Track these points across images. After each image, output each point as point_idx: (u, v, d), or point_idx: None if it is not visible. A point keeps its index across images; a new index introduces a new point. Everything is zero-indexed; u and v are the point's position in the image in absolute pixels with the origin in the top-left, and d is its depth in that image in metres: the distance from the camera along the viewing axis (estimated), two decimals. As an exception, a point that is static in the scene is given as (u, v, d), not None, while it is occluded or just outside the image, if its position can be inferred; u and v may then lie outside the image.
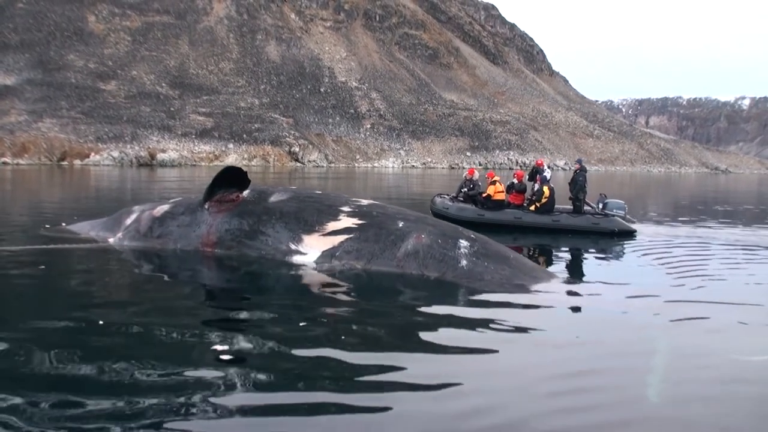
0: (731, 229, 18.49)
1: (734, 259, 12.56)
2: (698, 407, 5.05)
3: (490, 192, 17.34)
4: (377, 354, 5.83)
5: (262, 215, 9.93)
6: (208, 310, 7.59)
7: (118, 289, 8.24)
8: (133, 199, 25.35)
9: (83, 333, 6.12)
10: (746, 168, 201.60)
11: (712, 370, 5.85)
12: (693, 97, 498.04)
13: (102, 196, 26.09)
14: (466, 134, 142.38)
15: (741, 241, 15.47)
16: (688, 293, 9.05)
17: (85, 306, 7.10)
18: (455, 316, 7.32)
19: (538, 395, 5.09)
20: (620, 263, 11.93)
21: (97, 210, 18.23)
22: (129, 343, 5.86)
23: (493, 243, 9.87)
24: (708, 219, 21.65)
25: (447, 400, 4.93)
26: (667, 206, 29.69)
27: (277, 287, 8.66)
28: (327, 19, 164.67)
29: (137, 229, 10.70)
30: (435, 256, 9.04)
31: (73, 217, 14.89)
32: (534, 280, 8.82)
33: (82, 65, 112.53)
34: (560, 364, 5.83)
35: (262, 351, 5.77)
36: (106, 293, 7.95)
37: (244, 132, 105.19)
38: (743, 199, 39.06)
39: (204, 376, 5.06)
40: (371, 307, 7.55)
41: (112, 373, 5.05)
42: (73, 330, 6.20)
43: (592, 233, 16.15)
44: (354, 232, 9.48)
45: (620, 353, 6.27)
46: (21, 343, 5.67)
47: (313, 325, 6.71)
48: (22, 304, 7.33)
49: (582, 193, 17.34)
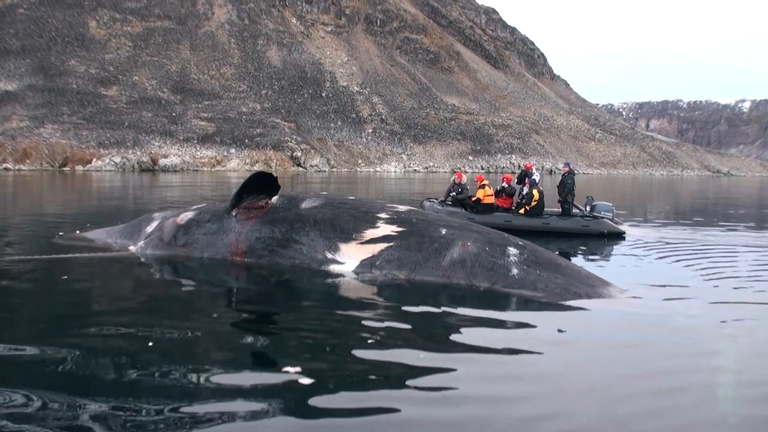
0: (748, 233, 18.20)
1: (763, 261, 12.27)
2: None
3: (480, 195, 17.32)
4: (434, 368, 5.41)
5: (294, 223, 9.49)
6: (243, 322, 7.11)
7: (146, 300, 7.79)
8: (137, 204, 25.09)
9: (114, 344, 5.73)
10: (748, 171, 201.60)
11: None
12: (693, 100, 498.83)
13: (107, 203, 25.70)
14: (468, 138, 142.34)
15: (756, 245, 15.16)
16: (729, 294, 8.89)
17: (113, 317, 6.67)
18: (513, 327, 6.95)
19: (611, 400, 4.90)
20: (646, 266, 11.48)
21: (107, 216, 17.90)
22: (161, 354, 5.48)
23: (543, 250, 9.46)
24: (719, 222, 21.33)
25: (514, 406, 4.75)
26: (683, 208, 29.43)
27: (315, 298, 8.19)
28: (328, 24, 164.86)
29: (160, 237, 10.23)
30: (484, 265, 8.57)
31: (86, 224, 14.46)
32: (590, 288, 8.40)
33: (83, 71, 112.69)
34: (629, 369, 5.59)
35: (303, 363, 5.36)
36: (134, 304, 7.50)
37: (246, 137, 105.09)
38: (750, 202, 38.73)
39: (236, 393, 4.74)
40: (421, 319, 7.09)
41: (142, 386, 4.77)
42: (103, 341, 5.82)
43: (582, 235, 16.05)
44: (394, 239, 9.04)
45: (688, 355, 6.10)
46: (56, 354, 5.38)
47: (360, 335, 6.34)
48: (50, 315, 6.85)
49: (570, 195, 17.46)
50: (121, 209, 22.04)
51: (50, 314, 6.97)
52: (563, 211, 17.32)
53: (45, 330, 6.27)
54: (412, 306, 7.55)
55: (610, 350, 6.21)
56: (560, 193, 17.60)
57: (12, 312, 7.15)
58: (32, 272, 9.20)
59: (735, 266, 11.56)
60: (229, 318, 7.22)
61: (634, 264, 11.73)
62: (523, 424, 4.43)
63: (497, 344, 6.19)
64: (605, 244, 15.05)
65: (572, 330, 6.88)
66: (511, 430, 4.37)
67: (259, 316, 7.56)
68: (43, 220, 16.93)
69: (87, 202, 26.12)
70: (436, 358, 5.70)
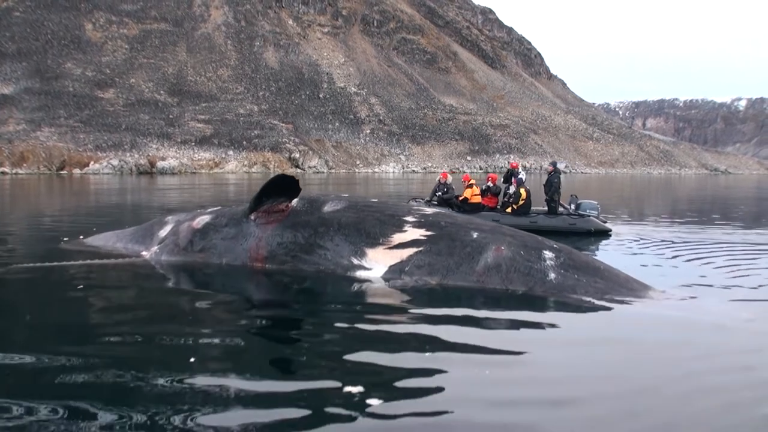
0: (752, 230, 17.97)
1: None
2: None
3: (467, 195, 17.38)
4: (478, 376, 5.18)
5: (318, 227, 9.11)
6: (270, 331, 6.84)
7: (167, 308, 7.46)
8: (138, 207, 24.79)
9: (138, 355, 5.48)
10: (745, 169, 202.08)
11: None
12: (689, 99, 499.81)
13: (107, 206, 25.34)
14: (466, 138, 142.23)
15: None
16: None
17: (135, 327, 6.35)
18: (559, 332, 6.68)
19: (678, 401, 4.79)
20: (667, 267, 11.18)
21: (110, 220, 17.62)
22: (186, 364, 5.26)
23: (580, 253, 9.20)
24: (726, 220, 21.08)
25: (574, 409, 4.62)
26: (681, 206, 29.20)
27: (343, 305, 7.78)
28: (325, 25, 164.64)
29: (176, 242, 9.82)
30: (520, 270, 8.24)
31: (92, 228, 14.06)
32: (631, 292, 8.08)
33: (79, 73, 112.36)
34: (688, 371, 5.45)
35: (336, 375, 5.10)
36: (155, 313, 7.18)
37: (244, 139, 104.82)
38: (749, 200, 38.54)
39: (265, 404, 4.51)
40: (458, 326, 6.72)
41: (167, 398, 4.56)
42: (127, 352, 5.56)
43: (569, 233, 16.02)
44: (424, 244, 8.67)
45: (742, 352, 5.98)
46: (79, 364, 5.15)
47: (395, 343, 6.08)
48: (72, 326, 6.53)
49: (557, 194, 17.58)
50: (123, 212, 21.80)
51: (72, 325, 6.68)
52: (550, 209, 17.42)
53: (66, 341, 5.98)
54: (446, 312, 7.24)
55: (664, 352, 6.01)
56: (547, 192, 17.72)
57: (31, 322, 6.82)
58: (45, 280, 8.83)
59: (755, 264, 11.32)
60: (255, 327, 6.94)
61: (653, 263, 11.42)
62: (587, 427, 4.34)
63: (545, 350, 5.99)
64: (593, 242, 15.10)
65: (621, 334, 6.65)
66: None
67: (286, 324, 7.26)
68: (45, 224, 16.65)
69: (87, 205, 25.86)
70: (479, 363, 5.48)
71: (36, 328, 6.58)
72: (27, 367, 5.16)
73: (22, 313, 7.22)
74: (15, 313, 7.25)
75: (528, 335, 6.59)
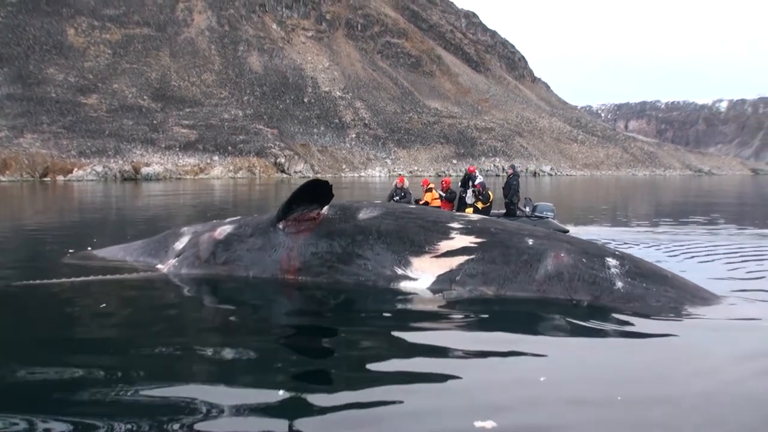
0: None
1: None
2: None
3: (428, 199, 17.31)
4: (560, 390, 4.86)
5: (355, 235, 8.45)
6: (311, 346, 6.34)
7: (199, 326, 6.91)
8: (118, 212, 24.36)
9: (172, 373, 5.14)
10: (728, 169, 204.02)
11: None
12: (671, 101, 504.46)
13: (97, 214, 24.78)
14: (451, 141, 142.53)
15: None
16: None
17: (164, 345, 5.92)
18: (643, 346, 6.21)
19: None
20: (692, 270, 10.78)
21: (107, 229, 17.17)
22: (225, 388, 4.86)
23: (644, 260, 8.63)
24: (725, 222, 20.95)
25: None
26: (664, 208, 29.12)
27: (392, 318, 7.15)
28: (309, 29, 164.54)
29: (196, 254, 9.13)
30: (584, 278, 7.70)
31: (93, 239, 13.55)
32: (704, 302, 7.64)
33: (62, 79, 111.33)
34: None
35: (393, 393, 4.74)
36: (186, 332, 6.63)
37: (229, 144, 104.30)
38: (731, 200, 38.54)
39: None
40: (526, 339, 6.23)
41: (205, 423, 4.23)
42: (160, 369, 5.16)
43: None
44: (475, 252, 8.04)
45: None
46: (116, 388, 4.76)
47: (457, 358, 5.68)
48: (104, 350, 5.87)
49: (516, 197, 17.77)
50: (117, 221, 21.23)
51: (104, 343, 6.11)
52: (509, 212, 17.47)
53: (101, 360, 5.46)
54: (510, 325, 6.81)
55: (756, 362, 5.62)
56: (506, 195, 17.84)
57: (59, 343, 6.12)
58: (60, 297, 8.10)
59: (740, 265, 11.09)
60: (296, 344, 6.41)
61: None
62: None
63: (634, 365, 5.57)
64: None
65: (701, 350, 6.11)
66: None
67: (332, 341, 6.70)
68: (39, 235, 15.79)
69: (81, 214, 25.26)
70: (561, 376, 5.14)
71: (67, 348, 5.98)
72: (64, 387, 4.82)
73: (47, 332, 6.61)
74: (39, 333, 6.60)
75: (609, 350, 6.13)
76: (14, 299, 8.13)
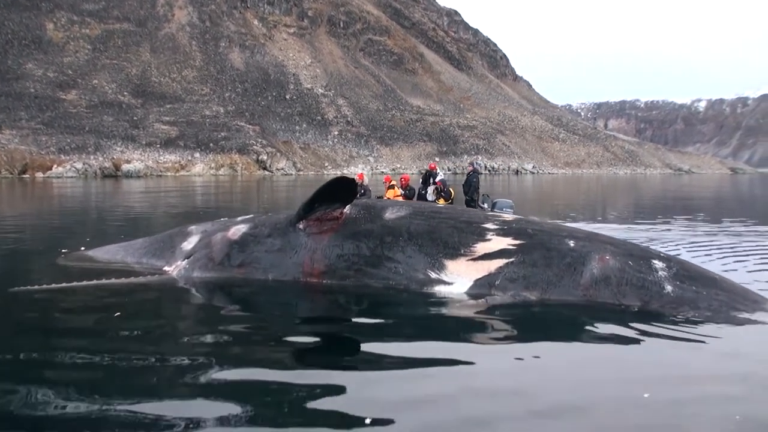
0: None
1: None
2: None
3: (390, 196, 17.38)
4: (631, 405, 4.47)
5: (384, 236, 8.03)
6: (351, 360, 5.78)
7: (223, 336, 6.16)
8: (102, 210, 23.77)
9: (200, 388, 4.71)
10: (708, 168, 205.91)
11: None
12: (650, 100, 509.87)
13: (84, 212, 24.21)
14: (434, 139, 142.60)
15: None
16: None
17: (187, 356, 5.38)
18: (705, 353, 5.81)
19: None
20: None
21: (94, 228, 16.63)
22: (259, 404, 4.46)
23: (691, 263, 8.38)
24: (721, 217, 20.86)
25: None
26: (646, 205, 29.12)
27: (428, 327, 6.66)
28: (291, 26, 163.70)
29: (209, 256, 8.52)
30: (632, 282, 7.32)
31: (86, 239, 12.87)
32: (755, 305, 7.27)
33: (41, 74, 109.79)
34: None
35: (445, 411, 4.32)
36: (208, 342, 5.92)
37: (211, 141, 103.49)
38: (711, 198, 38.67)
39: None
40: (580, 352, 5.84)
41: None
42: (190, 391, 4.70)
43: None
44: (514, 254, 7.63)
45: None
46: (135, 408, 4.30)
47: (507, 366, 5.33)
48: (127, 358, 5.31)
49: (476, 194, 18.20)
50: (103, 219, 20.54)
51: (127, 356, 5.39)
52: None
53: (128, 385, 4.81)
54: (559, 332, 6.41)
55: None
56: (466, 192, 18.24)
57: (77, 359, 5.34)
58: (65, 305, 7.32)
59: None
60: (326, 353, 5.95)
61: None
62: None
63: (695, 373, 5.25)
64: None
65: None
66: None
67: (367, 348, 5.95)
68: (26, 235, 15.06)
69: (65, 212, 24.63)
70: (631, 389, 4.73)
71: (88, 366, 5.23)
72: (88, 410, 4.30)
73: (56, 347, 5.74)
74: (51, 345, 5.78)
75: (671, 361, 5.64)
76: (13, 309, 7.24)
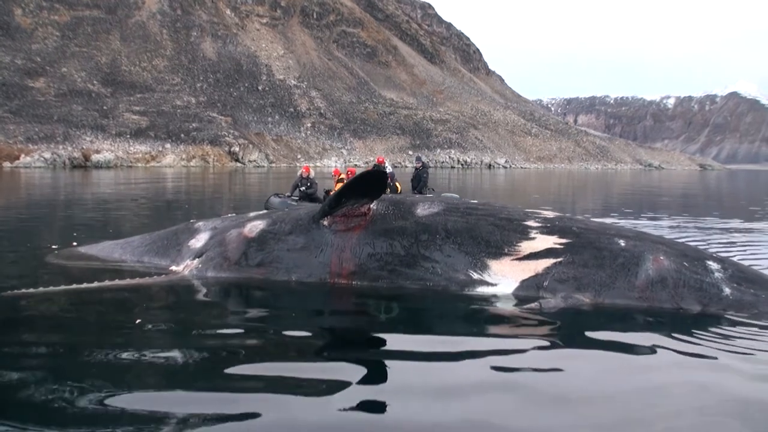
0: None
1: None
2: None
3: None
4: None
5: (419, 234, 7.55)
6: (384, 365, 5.24)
7: (253, 347, 5.58)
8: (69, 201, 23.03)
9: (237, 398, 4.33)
10: (677, 164, 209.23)
11: None
12: (620, 96, 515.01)
13: (62, 204, 23.32)
14: (407, 133, 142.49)
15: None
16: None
17: (219, 364, 4.95)
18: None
19: None
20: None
21: (78, 221, 15.88)
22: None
23: (743, 264, 8.05)
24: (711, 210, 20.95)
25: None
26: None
27: (473, 333, 6.19)
28: (263, 16, 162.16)
29: (223, 254, 7.93)
30: (690, 284, 6.96)
31: (73, 233, 12.13)
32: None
33: (8, 61, 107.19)
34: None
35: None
36: (237, 350, 5.38)
37: (182, 131, 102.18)
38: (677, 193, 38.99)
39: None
40: (646, 360, 5.45)
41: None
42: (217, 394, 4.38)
43: None
44: (563, 254, 7.26)
45: None
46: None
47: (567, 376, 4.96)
48: (150, 368, 4.85)
49: (425, 189, 18.88)
50: (87, 213, 19.77)
51: (150, 366, 4.91)
52: None
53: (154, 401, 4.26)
54: (614, 335, 6.00)
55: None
56: (414, 187, 19.00)
57: (98, 371, 4.80)
58: (71, 311, 6.64)
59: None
60: (362, 362, 5.28)
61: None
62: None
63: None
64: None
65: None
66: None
67: (412, 357, 5.42)
68: (3, 228, 14.62)
69: (42, 204, 23.80)
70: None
71: (110, 379, 4.64)
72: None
73: (76, 346, 5.31)
74: (64, 355, 5.22)
75: (742, 371, 5.19)
76: (7, 316, 6.46)
